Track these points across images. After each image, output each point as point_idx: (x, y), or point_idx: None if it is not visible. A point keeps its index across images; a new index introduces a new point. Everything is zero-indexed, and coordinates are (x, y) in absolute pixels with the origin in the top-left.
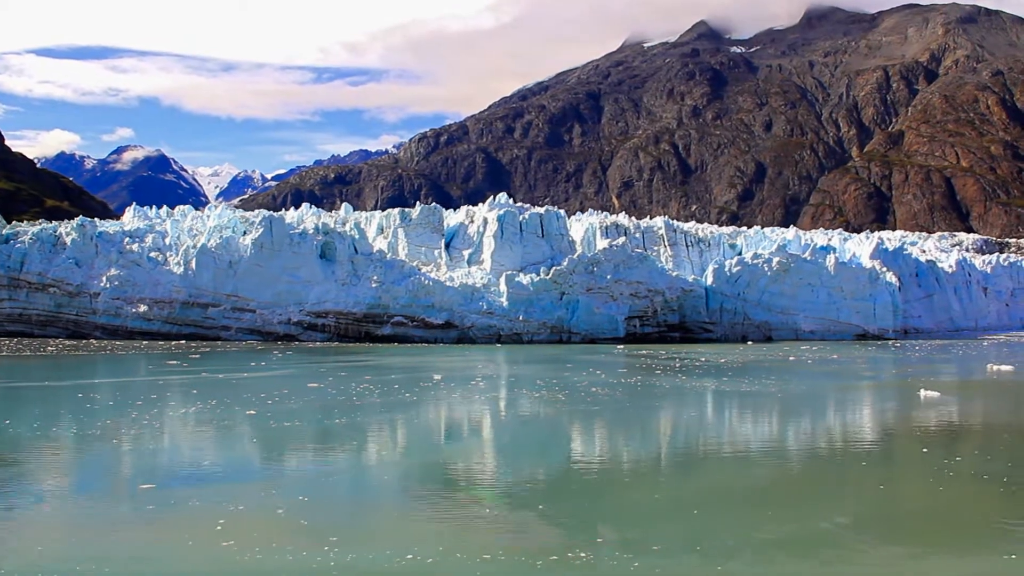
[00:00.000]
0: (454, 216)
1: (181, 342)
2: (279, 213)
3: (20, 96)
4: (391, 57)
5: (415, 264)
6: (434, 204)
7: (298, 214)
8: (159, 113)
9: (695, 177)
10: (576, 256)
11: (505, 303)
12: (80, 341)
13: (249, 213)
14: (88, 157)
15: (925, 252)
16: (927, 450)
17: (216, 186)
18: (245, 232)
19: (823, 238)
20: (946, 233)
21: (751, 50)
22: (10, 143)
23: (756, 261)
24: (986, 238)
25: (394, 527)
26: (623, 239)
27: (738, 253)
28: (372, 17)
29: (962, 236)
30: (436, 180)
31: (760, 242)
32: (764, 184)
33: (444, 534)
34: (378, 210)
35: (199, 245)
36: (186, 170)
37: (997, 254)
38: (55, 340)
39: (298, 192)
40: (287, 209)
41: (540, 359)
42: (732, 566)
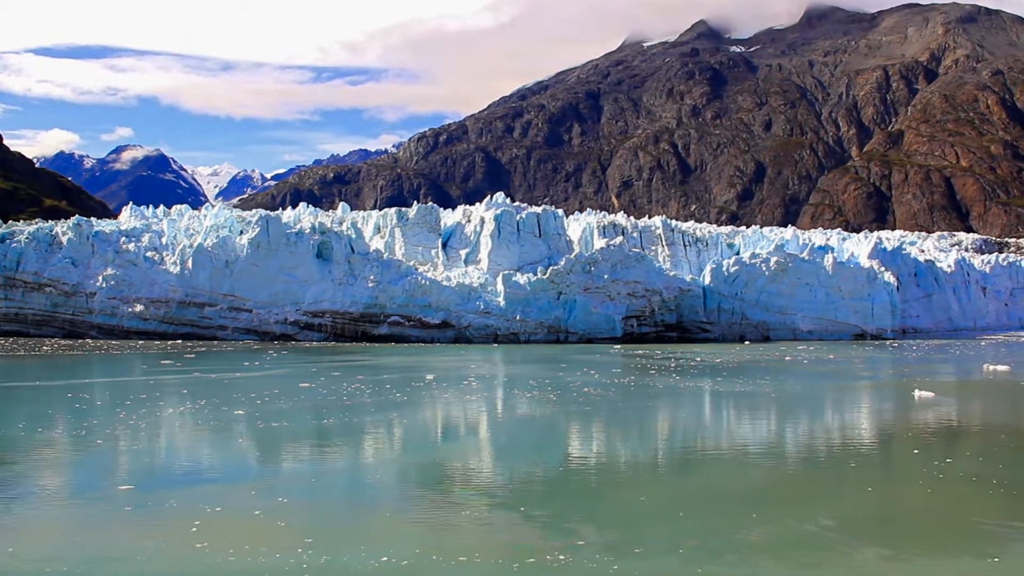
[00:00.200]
0: (451, 216)
1: (177, 342)
2: (276, 212)
3: (19, 95)
4: (390, 56)
5: (412, 264)
6: (431, 204)
7: (295, 213)
8: (158, 112)
9: (695, 177)
10: (573, 256)
11: (502, 303)
12: (76, 341)
13: (246, 212)
14: (87, 156)
15: (924, 252)
16: (918, 451)
17: (216, 186)
18: (242, 232)
19: (821, 238)
20: (945, 233)
21: (751, 50)
22: (9, 143)
23: (754, 261)
24: (985, 238)
25: (371, 529)
26: (620, 239)
27: (736, 253)
28: (371, 16)
29: (961, 236)
30: (435, 180)
31: (758, 242)
32: (764, 184)
33: (422, 536)
34: (377, 210)
35: (195, 245)
36: (185, 170)
37: (996, 254)
38: (51, 340)
39: (297, 192)
40: (284, 209)
41: (535, 359)
42: (712, 568)
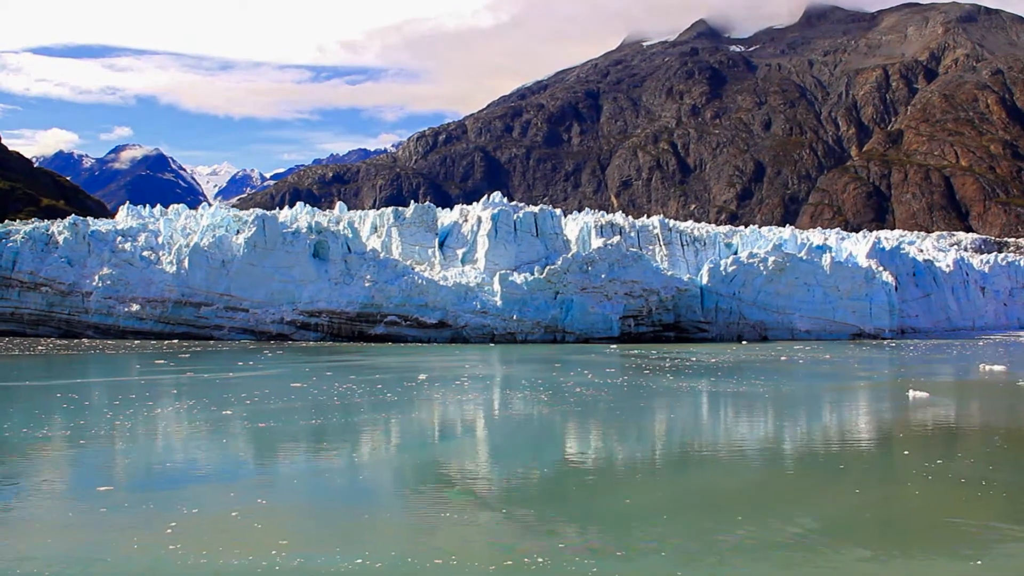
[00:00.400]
0: (448, 215)
1: (173, 342)
2: (272, 212)
3: (17, 95)
4: (389, 56)
5: (409, 263)
6: (428, 203)
7: (291, 213)
8: (157, 112)
9: (694, 176)
10: (570, 255)
11: (499, 302)
12: (72, 341)
13: (242, 212)
14: (86, 156)
15: (922, 252)
16: (908, 452)
17: (215, 185)
18: (238, 231)
19: (819, 237)
20: (944, 232)
21: (750, 49)
22: (8, 142)
23: (752, 260)
24: (984, 237)
25: (349, 530)
26: (618, 238)
27: (734, 252)
28: (370, 16)
29: (960, 235)
30: (435, 179)
31: (756, 241)
32: (763, 183)
33: (399, 537)
34: (376, 209)
35: (192, 244)
36: (184, 169)
37: (995, 253)
38: (46, 340)
39: (296, 191)
40: (281, 208)
41: (531, 359)
42: (692, 570)
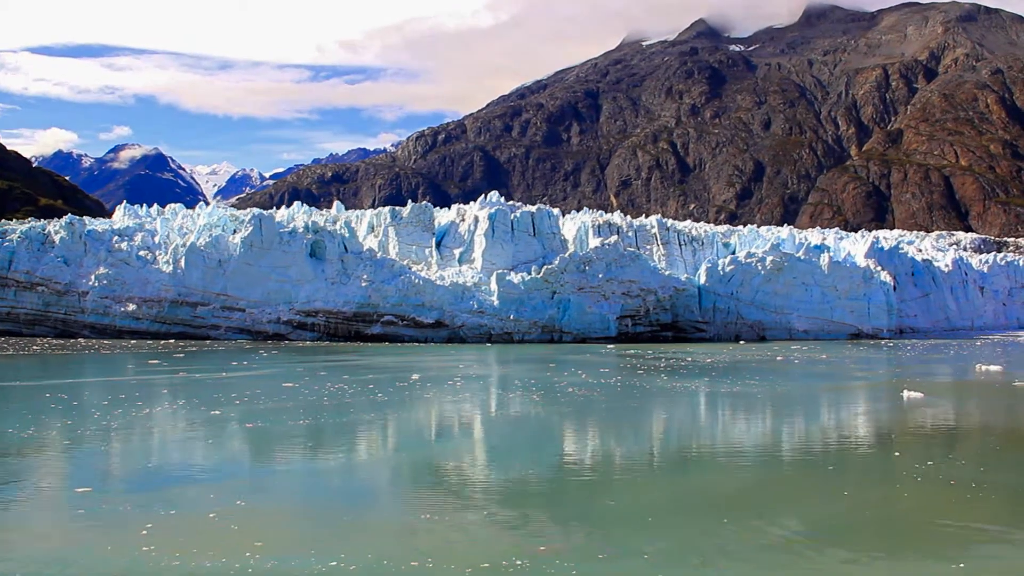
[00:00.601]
0: (445, 215)
1: (170, 341)
2: (269, 211)
3: (16, 94)
4: (388, 55)
5: (406, 263)
6: (425, 203)
7: (288, 212)
8: (156, 111)
9: (693, 176)
10: (568, 255)
11: (496, 302)
12: (68, 340)
13: (239, 212)
14: (86, 155)
15: (921, 251)
16: (900, 454)
17: (214, 185)
18: (235, 231)
19: (817, 237)
20: (944, 232)
21: (750, 48)
22: (6, 142)
23: (750, 260)
24: (984, 237)
25: (326, 532)
26: (615, 238)
27: (732, 252)
28: (369, 15)
29: (960, 235)
30: (434, 179)
31: (754, 241)
32: (763, 183)
33: (377, 540)
34: (375, 209)
35: (188, 244)
36: (184, 169)
37: (994, 253)
38: (42, 339)
39: (295, 191)
40: (280, 208)
41: (527, 358)
42: (674, 572)
